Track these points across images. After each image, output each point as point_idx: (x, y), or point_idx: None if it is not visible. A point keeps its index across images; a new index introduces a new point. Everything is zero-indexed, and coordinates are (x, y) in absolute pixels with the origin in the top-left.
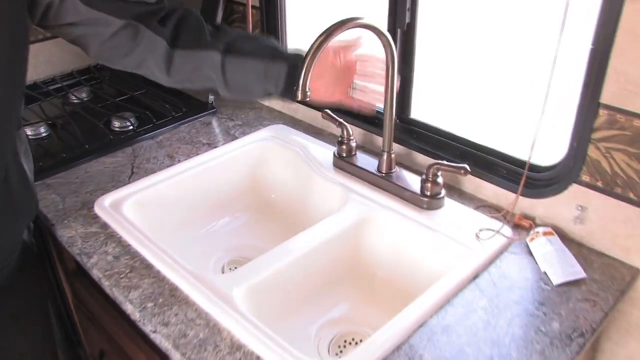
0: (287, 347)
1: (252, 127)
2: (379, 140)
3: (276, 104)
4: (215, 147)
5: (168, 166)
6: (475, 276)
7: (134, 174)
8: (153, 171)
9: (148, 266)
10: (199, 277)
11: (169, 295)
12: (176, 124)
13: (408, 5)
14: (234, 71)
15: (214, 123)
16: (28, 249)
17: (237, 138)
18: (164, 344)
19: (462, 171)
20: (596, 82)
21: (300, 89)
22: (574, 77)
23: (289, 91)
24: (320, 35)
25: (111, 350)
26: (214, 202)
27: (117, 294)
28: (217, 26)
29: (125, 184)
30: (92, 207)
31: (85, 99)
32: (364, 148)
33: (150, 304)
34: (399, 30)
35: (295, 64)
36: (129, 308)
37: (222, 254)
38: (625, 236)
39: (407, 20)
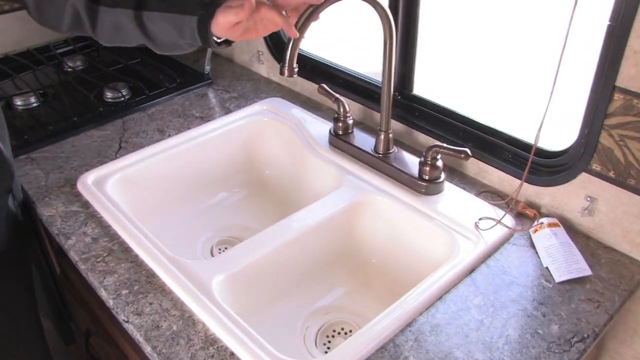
0: (263, 344)
1: (248, 100)
2: (378, 116)
3: (274, 75)
4: (208, 121)
5: (157, 141)
6: (471, 270)
7: (121, 148)
8: (141, 146)
9: (126, 250)
10: (178, 263)
11: (145, 282)
12: (170, 95)
13: None
14: (153, 28)
15: (209, 95)
16: (12, 220)
17: (231, 111)
18: (136, 335)
19: (463, 155)
20: (612, 63)
21: (287, 65)
22: (591, 56)
23: (208, 41)
24: (308, 8)
25: (97, 331)
26: (205, 179)
27: (92, 279)
28: None
29: (111, 160)
30: (75, 184)
31: (79, 68)
32: (363, 125)
33: (125, 291)
34: (401, 2)
35: (203, 12)
36: (103, 294)
37: (212, 233)
38: (637, 231)
39: None
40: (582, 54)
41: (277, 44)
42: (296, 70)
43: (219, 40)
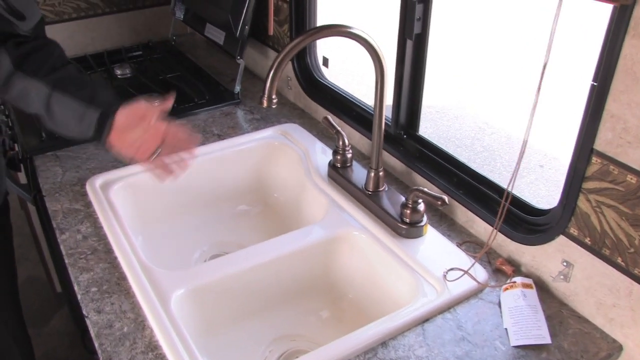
0: (197, 357)
1: (268, 123)
2: (383, 153)
3: (299, 101)
4: (224, 139)
5: None
6: (426, 319)
7: None
8: None
9: (109, 251)
10: (149, 270)
11: (114, 284)
12: (197, 110)
13: (418, 15)
14: (56, 107)
15: (234, 114)
16: None
17: (248, 132)
18: (90, 330)
19: (440, 202)
20: (591, 125)
21: (265, 95)
22: None
23: (101, 138)
24: (295, 38)
25: None
26: (211, 195)
27: (70, 273)
28: (63, 60)
29: (124, 166)
30: (86, 184)
31: (127, 75)
32: (369, 160)
33: (94, 289)
34: (408, 42)
35: (107, 112)
36: (75, 289)
37: (209, 247)
38: (610, 305)
39: (417, 31)
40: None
41: (304, 71)
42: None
43: None
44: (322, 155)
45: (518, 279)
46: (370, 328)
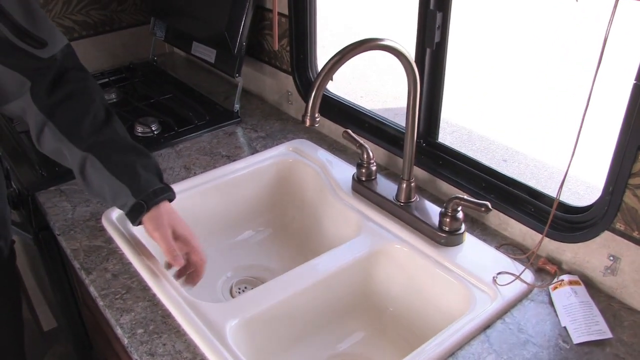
0: None
1: (275, 140)
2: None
3: (300, 114)
4: (234, 160)
5: (183, 178)
6: (487, 326)
7: None
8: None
9: (145, 288)
10: (194, 305)
11: (160, 322)
12: (198, 132)
13: (438, 23)
14: (92, 175)
15: (237, 133)
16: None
17: (258, 151)
18: None
19: (483, 209)
20: (638, 122)
21: (308, 114)
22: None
23: (134, 223)
24: (335, 55)
25: None
26: (227, 219)
27: (109, 316)
28: (106, 116)
29: None
30: (100, 218)
31: (113, 100)
32: (388, 170)
33: (140, 330)
34: (428, 50)
35: (142, 202)
36: (119, 332)
37: (233, 272)
38: None
39: (437, 39)
40: (618, 107)
41: (306, 85)
42: (318, 119)
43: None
44: (340, 169)
45: (565, 277)
46: (435, 341)
